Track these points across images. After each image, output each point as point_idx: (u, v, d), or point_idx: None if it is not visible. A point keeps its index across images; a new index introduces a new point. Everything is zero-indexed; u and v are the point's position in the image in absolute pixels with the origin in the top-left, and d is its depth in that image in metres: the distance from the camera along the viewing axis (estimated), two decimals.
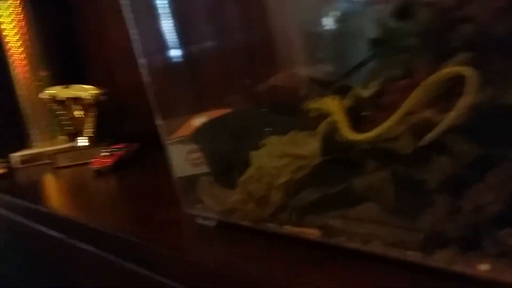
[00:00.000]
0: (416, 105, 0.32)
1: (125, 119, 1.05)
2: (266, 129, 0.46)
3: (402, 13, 0.41)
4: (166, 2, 0.58)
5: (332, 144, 0.36)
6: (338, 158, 0.35)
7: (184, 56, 0.62)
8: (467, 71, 0.28)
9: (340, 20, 0.51)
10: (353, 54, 0.55)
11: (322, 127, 0.39)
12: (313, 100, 0.43)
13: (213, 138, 0.46)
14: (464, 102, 0.28)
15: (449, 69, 0.31)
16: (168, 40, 0.60)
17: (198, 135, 0.46)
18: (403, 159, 0.32)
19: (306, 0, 0.54)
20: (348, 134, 0.35)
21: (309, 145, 0.36)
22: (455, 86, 0.30)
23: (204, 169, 0.48)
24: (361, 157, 0.34)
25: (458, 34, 0.33)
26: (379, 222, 0.33)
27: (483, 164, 0.29)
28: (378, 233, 0.33)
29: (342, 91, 0.42)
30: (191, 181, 0.49)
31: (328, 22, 0.52)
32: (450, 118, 0.28)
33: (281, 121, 0.46)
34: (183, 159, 0.52)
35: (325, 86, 0.47)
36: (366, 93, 0.39)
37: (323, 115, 0.41)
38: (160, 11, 0.57)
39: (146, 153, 0.88)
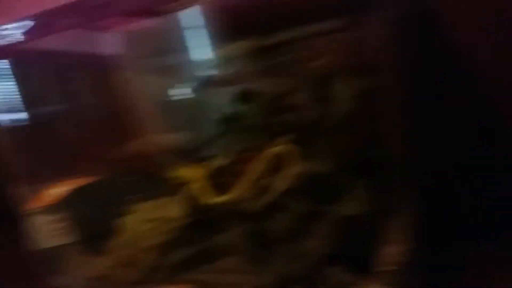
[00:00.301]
0: (258, 174, 0.40)
1: None
2: (134, 196, 0.49)
3: (243, 98, 0.49)
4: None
5: (195, 207, 0.41)
6: (202, 220, 0.39)
7: (40, 122, 0.59)
8: (294, 148, 0.38)
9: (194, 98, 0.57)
10: (207, 127, 0.61)
11: (186, 192, 0.44)
12: (175, 168, 0.49)
13: (81, 207, 0.48)
14: (291, 171, 0.37)
15: (281, 147, 0.40)
16: (23, 104, 0.57)
17: (65, 204, 0.48)
18: (252, 217, 0.39)
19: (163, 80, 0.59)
20: (208, 197, 0.41)
21: (175, 209, 0.39)
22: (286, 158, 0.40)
23: (69, 239, 0.49)
24: (220, 218, 0.39)
25: (285, 119, 0.44)
26: (241, 271, 0.39)
27: (312, 218, 0.38)
28: (241, 281, 0.38)
29: (200, 160, 0.49)
30: (55, 252, 0.48)
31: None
32: (282, 184, 0.37)
33: (148, 188, 0.50)
34: (44, 229, 0.50)
35: (184, 156, 0.52)
36: (221, 163, 0.47)
37: (185, 182, 0.46)
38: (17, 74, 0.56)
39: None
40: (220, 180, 0.48)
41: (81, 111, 0.64)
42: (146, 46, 0.58)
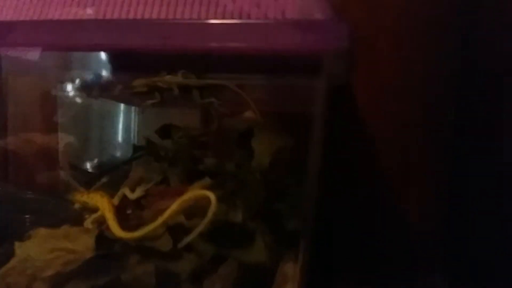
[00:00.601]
0: (173, 214, 0.41)
1: None
2: (31, 219, 0.47)
3: (163, 132, 0.51)
4: None
5: (103, 240, 0.40)
6: (108, 253, 0.38)
7: None
8: (211, 195, 0.40)
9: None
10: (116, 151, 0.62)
11: (91, 221, 0.45)
12: (79, 192, 0.48)
13: None
14: (208, 217, 0.39)
15: (198, 191, 0.42)
16: None
17: None
18: (163, 254, 0.40)
19: None
20: (118, 232, 0.41)
21: (82, 241, 0.39)
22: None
23: None
24: (129, 252, 0.39)
25: (203, 161, 0.48)
26: None
27: (217, 260, 0.41)
28: None
29: (107, 187, 0.50)
30: None
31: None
32: (200, 227, 0.39)
33: (48, 210, 0.48)
34: None
35: (86, 177, 0.52)
36: (133, 195, 0.48)
37: (90, 209, 0.45)
38: None
39: None
40: (129, 211, 0.48)
41: None
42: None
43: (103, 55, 0.55)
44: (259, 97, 0.55)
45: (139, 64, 0.54)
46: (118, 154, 0.67)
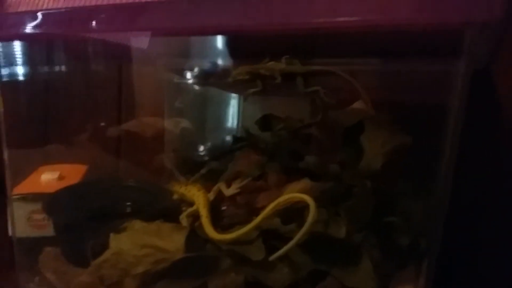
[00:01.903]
0: (268, 217, 0.37)
1: None
2: (128, 204, 0.46)
3: (263, 123, 0.46)
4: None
5: (194, 240, 0.38)
6: (198, 255, 0.36)
7: (42, 86, 0.59)
8: (311, 201, 0.34)
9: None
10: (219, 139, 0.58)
11: (186, 220, 0.42)
12: (179, 183, 0.45)
13: (68, 210, 0.45)
14: (306, 227, 0.34)
15: (296, 195, 0.37)
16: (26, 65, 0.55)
17: (50, 204, 0.44)
18: (255, 263, 0.36)
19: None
20: (210, 232, 0.38)
21: (173, 240, 0.37)
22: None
23: (48, 232, 0.45)
24: (220, 256, 0.36)
25: (304, 158, 0.41)
26: None
27: (315, 277, 0.35)
28: None
29: (205, 179, 0.47)
30: (32, 245, 0.45)
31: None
32: (295, 240, 0.33)
33: (146, 201, 0.46)
34: (24, 218, 0.47)
35: (188, 165, 0.49)
36: (229, 192, 0.44)
37: (187, 201, 0.43)
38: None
39: None
40: (224, 207, 0.45)
41: (83, 83, 0.60)
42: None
43: (218, 44, 0.53)
44: (372, 85, 0.46)
45: (244, 50, 0.50)
46: (223, 143, 0.65)
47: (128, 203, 0.46)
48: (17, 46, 0.53)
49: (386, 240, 0.37)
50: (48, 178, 0.52)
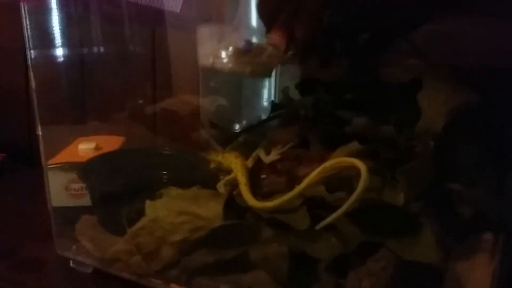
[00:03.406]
0: (312, 184, 0.34)
1: None
2: (165, 173, 0.44)
3: (303, 87, 0.42)
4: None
5: (233, 208, 0.36)
6: (237, 223, 0.33)
7: (74, 62, 0.57)
8: (362, 166, 0.30)
9: None
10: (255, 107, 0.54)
11: (224, 183, 0.39)
12: (215, 152, 0.43)
13: (102, 177, 0.43)
14: (357, 193, 0.30)
15: (344, 159, 0.33)
16: (61, 41, 0.53)
17: (85, 171, 0.43)
18: (299, 233, 0.33)
19: None
20: (249, 200, 0.35)
21: (211, 207, 0.35)
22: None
23: (86, 202, 0.44)
24: (260, 225, 0.33)
25: (351, 122, 0.37)
26: None
27: (366, 249, 0.31)
28: None
29: (242, 147, 0.44)
30: (69, 214, 0.44)
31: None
32: (345, 206, 0.30)
33: (183, 168, 0.44)
34: (62, 187, 0.46)
35: (225, 137, 0.46)
36: (268, 159, 0.41)
37: (225, 170, 0.40)
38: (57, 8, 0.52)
39: (14, 168, 0.70)
40: (263, 176, 0.42)
41: (124, 60, 0.59)
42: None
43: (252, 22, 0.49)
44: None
45: None
46: (260, 113, 0.62)
47: (164, 171, 0.44)
48: (50, 20, 0.52)
49: (447, 210, 0.33)
50: (85, 148, 0.51)
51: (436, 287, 0.30)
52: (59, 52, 0.55)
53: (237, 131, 0.54)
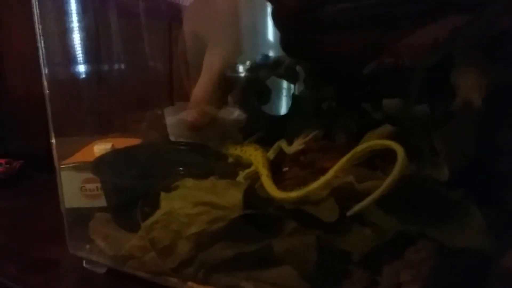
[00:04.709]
0: (341, 173, 0.31)
1: (12, 131, 0.89)
2: (181, 168, 0.42)
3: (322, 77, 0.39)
4: (80, 14, 0.54)
5: (254, 198, 0.33)
6: (259, 214, 0.30)
7: (91, 73, 0.57)
8: (398, 147, 0.28)
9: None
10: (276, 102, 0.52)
11: (244, 177, 0.37)
12: (233, 146, 0.41)
13: (116, 170, 0.41)
14: (393, 175, 0.27)
15: (377, 142, 0.30)
16: (77, 53, 0.56)
17: (98, 165, 0.41)
18: (327, 225, 0.30)
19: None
20: (272, 191, 0.33)
21: (230, 196, 0.32)
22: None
23: (101, 203, 0.42)
24: (284, 216, 0.30)
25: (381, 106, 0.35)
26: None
27: (403, 240, 0.28)
28: None
29: (263, 141, 0.41)
30: (83, 215, 0.42)
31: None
32: (383, 187, 0.27)
33: (199, 162, 0.42)
34: (76, 188, 0.45)
35: (247, 134, 0.44)
36: (291, 149, 0.38)
37: (244, 163, 0.38)
38: (73, 23, 0.54)
39: (32, 174, 0.73)
40: (286, 169, 0.39)
41: (139, 68, 0.58)
42: None
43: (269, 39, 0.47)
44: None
45: None
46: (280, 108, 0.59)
47: (180, 166, 0.42)
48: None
49: (490, 195, 0.30)
50: (101, 148, 0.50)
51: (487, 278, 0.26)
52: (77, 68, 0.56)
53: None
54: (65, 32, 0.55)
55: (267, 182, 0.34)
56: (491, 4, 0.30)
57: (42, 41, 0.43)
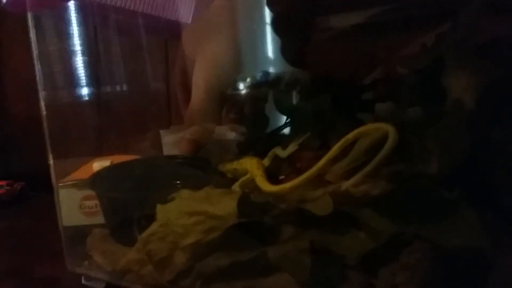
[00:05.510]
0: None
1: (13, 153, 0.92)
2: (177, 182, 0.42)
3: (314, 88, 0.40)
4: (77, 37, 0.56)
5: (249, 206, 0.33)
6: (254, 222, 0.30)
7: (89, 95, 0.59)
8: (389, 126, 0.29)
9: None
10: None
11: (240, 185, 0.37)
12: (230, 162, 0.41)
13: (112, 185, 0.41)
14: (385, 151, 0.28)
15: (370, 126, 0.31)
16: (74, 76, 0.57)
17: (95, 180, 0.42)
18: (320, 226, 0.30)
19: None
20: (266, 186, 0.34)
21: (224, 204, 0.32)
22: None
23: (99, 220, 0.43)
24: (278, 221, 0.30)
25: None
26: None
27: (398, 242, 0.28)
28: None
29: (260, 153, 0.41)
30: (82, 232, 0.42)
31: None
32: (373, 164, 0.29)
33: (195, 175, 0.42)
34: (75, 205, 0.46)
35: (244, 148, 0.45)
36: (285, 153, 0.38)
37: (240, 175, 0.38)
38: (71, 46, 0.56)
39: (32, 195, 0.75)
40: (282, 177, 0.39)
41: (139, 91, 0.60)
42: None
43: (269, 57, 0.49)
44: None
45: None
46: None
47: (177, 179, 0.42)
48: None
49: (485, 199, 0.29)
50: (99, 165, 0.50)
51: (484, 278, 0.26)
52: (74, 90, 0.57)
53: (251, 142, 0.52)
54: (63, 54, 0.56)
55: (260, 181, 0.34)
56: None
57: (39, 63, 0.44)
